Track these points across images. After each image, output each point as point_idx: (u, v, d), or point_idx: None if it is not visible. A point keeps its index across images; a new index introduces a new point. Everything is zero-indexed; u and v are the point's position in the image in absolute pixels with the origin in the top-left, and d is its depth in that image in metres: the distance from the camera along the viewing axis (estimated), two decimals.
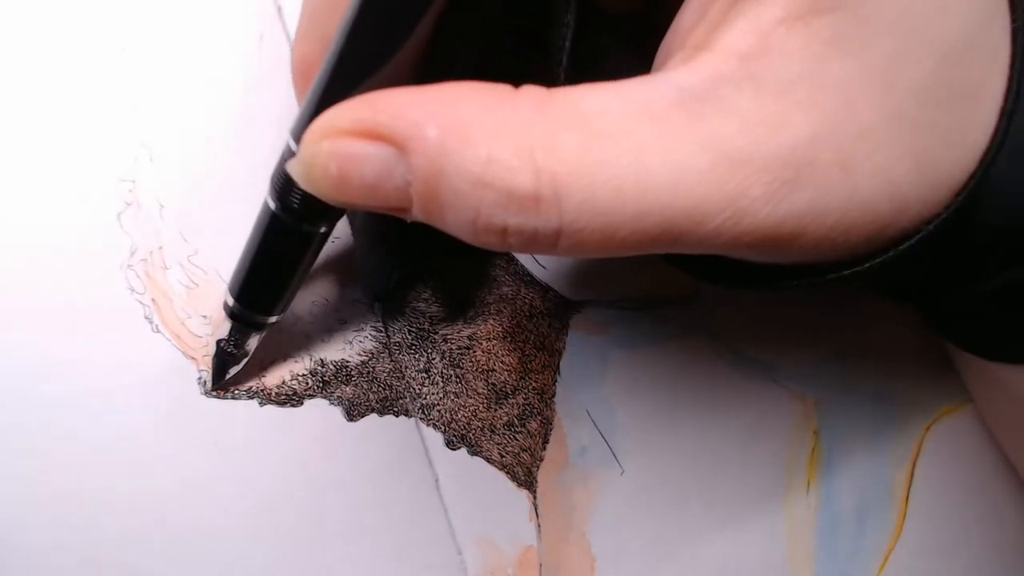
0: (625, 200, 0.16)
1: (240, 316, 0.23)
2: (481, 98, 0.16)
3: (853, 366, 0.31)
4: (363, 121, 0.16)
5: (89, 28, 0.24)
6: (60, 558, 0.24)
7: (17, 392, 0.24)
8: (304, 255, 0.22)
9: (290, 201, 0.20)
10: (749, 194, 0.16)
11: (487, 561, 0.28)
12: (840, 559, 0.31)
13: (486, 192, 0.16)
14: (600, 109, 0.16)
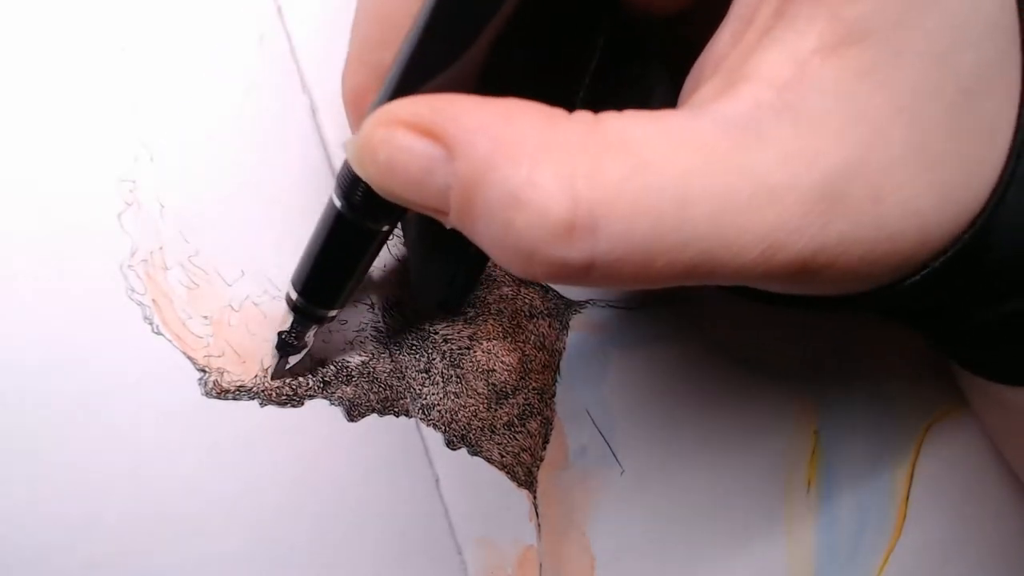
0: (664, 231, 0.16)
1: (302, 309, 0.24)
2: (534, 118, 0.16)
3: (853, 366, 0.31)
4: (420, 116, 0.17)
5: (89, 28, 0.24)
6: (60, 558, 0.24)
7: (17, 392, 0.24)
8: (365, 251, 0.23)
9: (354, 198, 0.21)
10: (786, 226, 0.16)
11: (487, 561, 0.28)
12: (840, 559, 0.31)
13: (518, 212, 0.16)
14: (644, 138, 0.16)
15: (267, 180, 0.26)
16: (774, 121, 0.16)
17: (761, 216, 0.16)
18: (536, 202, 0.15)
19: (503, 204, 0.16)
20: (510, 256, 0.16)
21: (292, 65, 0.25)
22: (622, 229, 0.16)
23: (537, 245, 0.16)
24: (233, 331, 0.26)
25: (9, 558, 0.24)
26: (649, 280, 0.16)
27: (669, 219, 0.16)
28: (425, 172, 0.17)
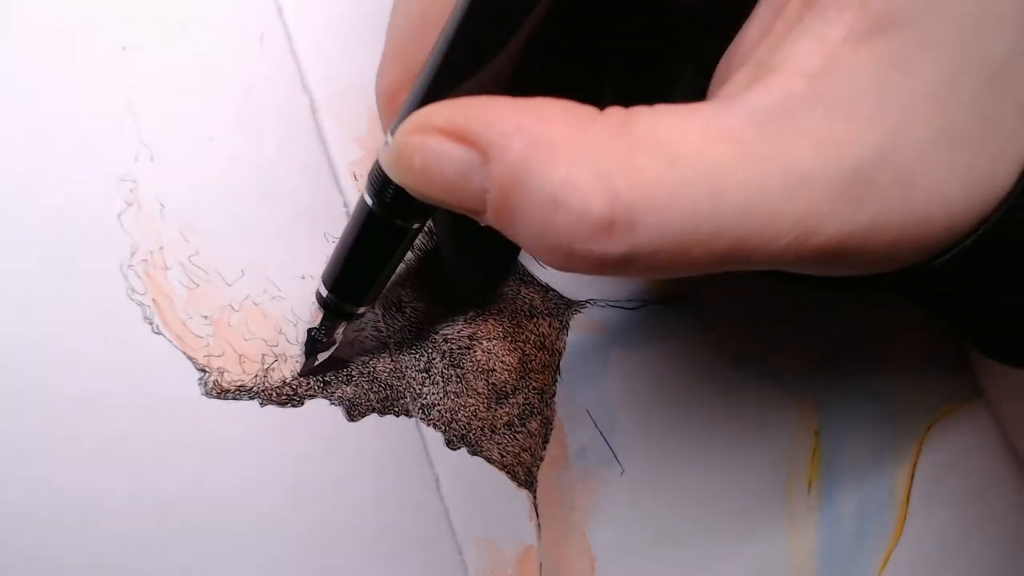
0: (699, 222, 0.16)
1: (333, 306, 0.24)
2: (567, 117, 0.17)
3: (854, 366, 0.31)
4: (454, 122, 0.17)
5: (89, 27, 0.24)
6: (60, 558, 0.24)
7: (17, 392, 0.24)
8: (395, 249, 0.23)
9: (385, 197, 0.21)
10: (818, 212, 0.16)
11: (487, 561, 0.28)
12: (841, 559, 0.31)
13: (557, 212, 0.16)
14: (678, 132, 0.16)
15: (267, 180, 0.26)
16: (805, 110, 0.16)
17: (793, 203, 0.16)
18: (575, 202, 0.16)
19: (542, 205, 0.16)
20: (549, 253, 0.17)
21: (292, 65, 0.25)
22: (659, 223, 0.16)
23: (577, 242, 0.16)
24: (233, 331, 0.26)
25: (9, 558, 0.24)
26: (685, 269, 0.17)
27: (704, 210, 0.16)
28: (461, 177, 0.17)
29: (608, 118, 0.17)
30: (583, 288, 0.28)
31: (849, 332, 0.31)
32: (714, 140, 0.16)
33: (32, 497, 0.24)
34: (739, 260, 0.17)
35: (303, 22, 0.25)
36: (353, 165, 0.26)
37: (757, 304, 0.30)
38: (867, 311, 0.30)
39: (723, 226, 0.16)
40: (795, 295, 0.30)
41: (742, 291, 0.29)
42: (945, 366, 0.31)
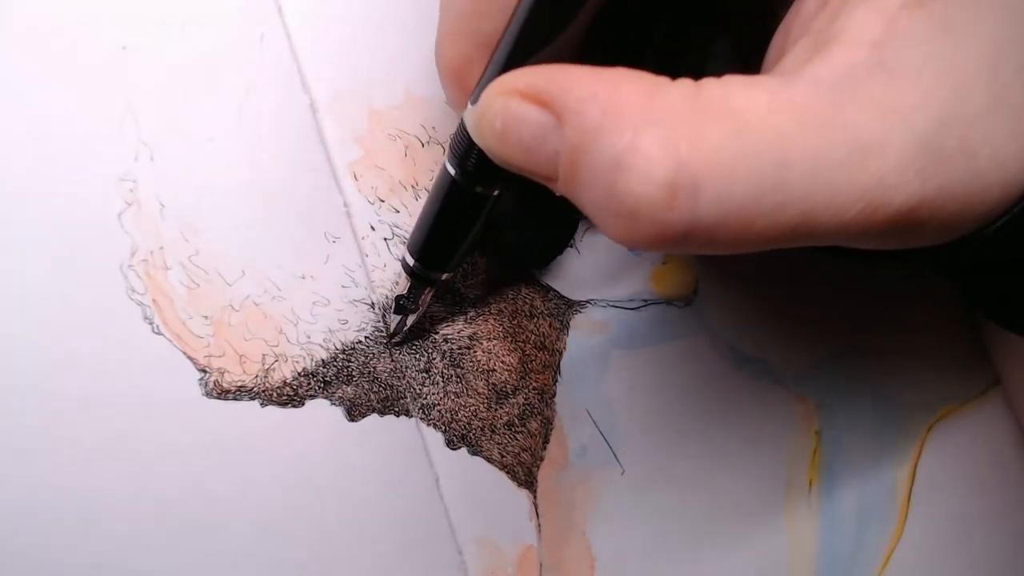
0: (763, 192, 0.16)
1: (418, 274, 0.25)
2: (639, 86, 0.17)
3: (854, 367, 0.31)
4: (534, 86, 0.18)
5: (89, 27, 0.24)
6: (60, 558, 0.24)
7: (17, 392, 0.24)
8: (478, 216, 0.23)
9: (467, 165, 0.22)
10: (885, 183, 0.16)
11: (487, 561, 0.28)
12: (842, 560, 0.31)
13: (620, 175, 0.16)
14: (743, 103, 0.16)
15: (267, 180, 0.26)
16: (868, 79, 0.17)
17: (860, 173, 0.16)
18: (640, 166, 0.16)
19: (608, 168, 0.16)
20: (613, 220, 0.17)
21: (292, 65, 0.25)
22: (722, 192, 0.16)
23: (640, 208, 0.16)
24: (234, 331, 0.26)
25: (9, 558, 0.24)
26: (748, 244, 0.17)
27: (768, 181, 0.16)
28: (537, 139, 0.18)
29: (678, 87, 0.17)
30: (583, 288, 0.28)
31: (849, 332, 0.31)
32: (779, 110, 0.16)
33: (32, 497, 0.24)
34: (803, 234, 0.17)
35: (303, 22, 0.25)
36: (353, 165, 0.26)
37: (757, 304, 0.29)
38: (868, 311, 0.30)
39: (789, 198, 0.16)
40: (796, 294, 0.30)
41: (742, 291, 0.29)
42: (946, 367, 0.31)
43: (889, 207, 0.17)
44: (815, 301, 0.30)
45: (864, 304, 0.30)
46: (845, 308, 0.30)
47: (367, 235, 0.26)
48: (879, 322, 0.31)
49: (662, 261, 0.29)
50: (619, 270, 0.28)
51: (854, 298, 0.30)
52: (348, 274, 0.26)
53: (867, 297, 0.30)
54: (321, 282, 0.26)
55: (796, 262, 0.29)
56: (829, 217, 0.16)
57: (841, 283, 0.30)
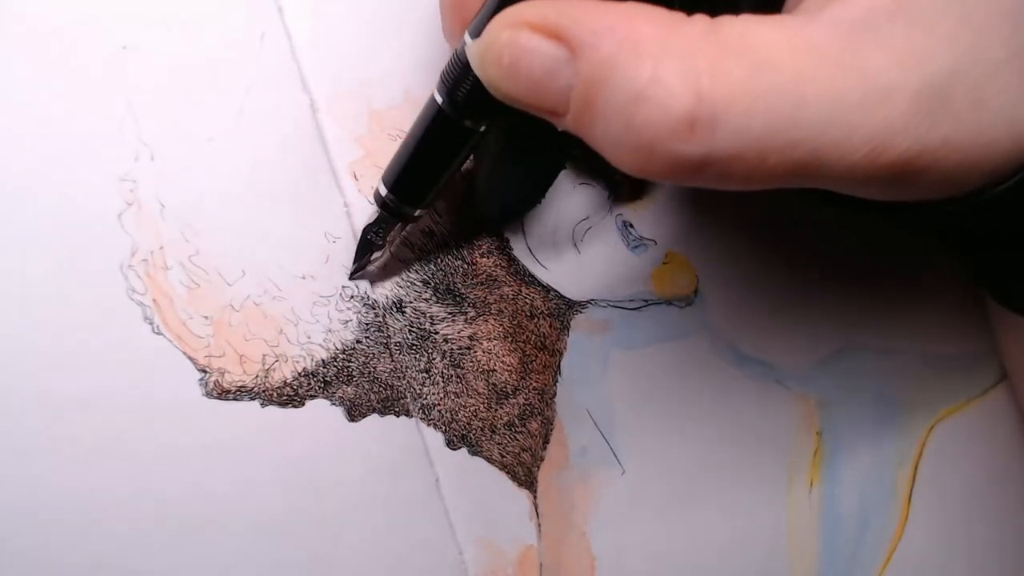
0: (778, 129, 0.16)
1: (391, 206, 0.24)
2: (657, 20, 0.17)
3: (855, 366, 0.31)
4: (546, 18, 0.17)
5: (89, 27, 0.24)
6: (60, 558, 0.24)
7: (17, 392, 0.24)
8: (459, 151, 0.23)
9: (457, 96, 0.21)
10: (894, 126, 0.16)
11: (488, 561, 0.28)
12: (842, 559, 0.31)
13: (640, 107, 0.16)
14: (763, 40, 0.17)
15: (267, 180, 0.26)
16: (887, 23, 0.17)
17: (871, 116, 0.16)
18: (660, 98, 0.16)
19: (626, 101, 0.16)
20: (628, 153, 0.17)
21: (292, 65, 0.25)
22: (739, 126, 0.16)
23: (658, 140, 0.16)
24: (234, 331, 0.26)
25: (9, 558, 0.24)
26: (758, 179, 0.17)
27: (784, 118, 0.16)
28: (547, 73, 0.17)
29: (696, 22, 0.17)
30: (584, 288, 0.28)
31: (850, 332, 0.30)
32: (798, 50, 0.16)
33: (32, 497, 0.24)
34: (811, 174, 0.17)
35: (303, 22, 0.25)
36: (353, 165, 0.26)
37: (758, 304, 0.29)
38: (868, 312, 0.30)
39: (802, 135, 0.16)
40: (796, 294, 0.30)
41: (743, 291, 0.29)
42: (947, 367, 0.31)
43: (894, 151, 0.17)
44: (816, 301, 0.30)
45: (865, 304, 0.30)
46: (846, 308, 0.30)
47: None
48: (880, 322, 0.31)
49: (663, 262, 0.29)
50: (619, 270, 0.28)
51: (855, 298, 0.30)
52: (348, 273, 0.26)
53: (868, 297, 0.30)
54: (321, 282, 0.26)
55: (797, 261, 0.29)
56: (837, 158, 0.17)
57: (842, 283, 0.30)
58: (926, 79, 0.17)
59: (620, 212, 0.28)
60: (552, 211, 0.28)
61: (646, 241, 0.28)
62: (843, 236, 0.29)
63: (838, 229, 0.29)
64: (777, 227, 0.29)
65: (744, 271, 0.29)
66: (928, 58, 0.17)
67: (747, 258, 0.29)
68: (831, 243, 0.29)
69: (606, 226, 0.28)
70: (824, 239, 0.29)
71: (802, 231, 0.29)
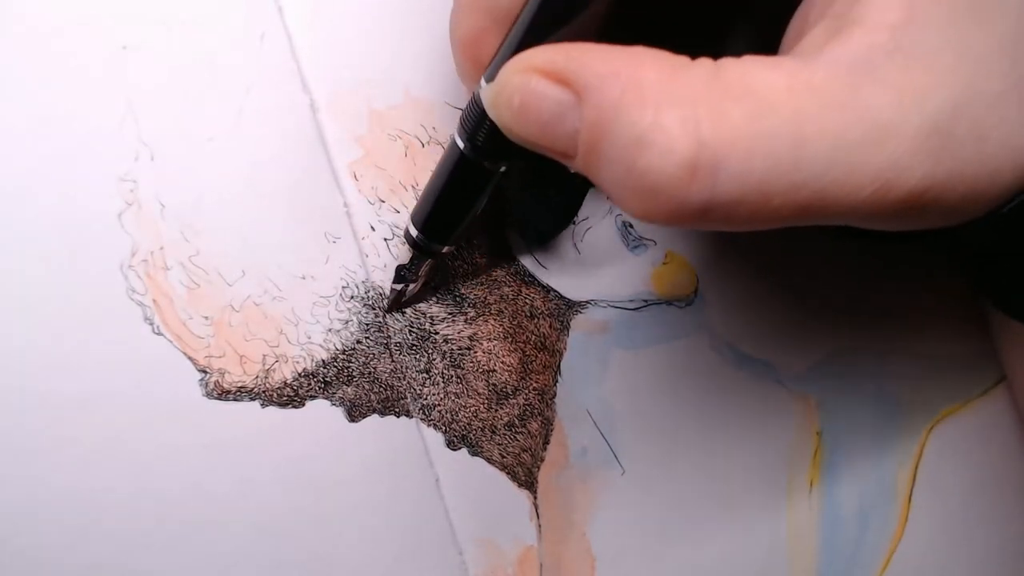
0: (780, 171, 0.16)
1: (421, 245, 0.25)
2: (660, 65, 0.17)
3: (855, 367, 0.31)
4: (554, 63, 0.18)
5: (89, 27, 0.24)
6: (60, 558, 0.24)
7: (17, 392, 0.24)
8: (483, 191, 0.24)
9: (477, 140, 0.22)
10: (899, 164, 0.17)
11: (488, 561, 0.28)
12: (842, 559, 0.31)
13: (642, 152, 0.16)
14: (764, 82, 0.17)
15: (267, 180, 0.26)
16: (886, 62, 0.17)
17: (874, 154, 0.16)
18: (661, 144, 0.16)
19: (629, 146, 0.17)
20: (632, 196, 0.17)
21: (292, 65, 0.25)
22: (741, 170, 0.16)
23: (660, 186, 0.17)
24: (234, 331, 0.26)
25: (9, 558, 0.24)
26: (764, 221, 0.17)
27: (786, 159, 0.16)
28: (555, 117, 0.18)
29: (699, 67, 0.17)
30: (584, 288, 0.28)
31: (850, 332, 0.30)
32: (798, 91, 0.17)
33: (32, 497, 0.24)
34: (817, 213, 0.17)
35: (303, 22, 0.25)
36: (353, 165, 0.26)
37: (758, 304, 0.29)
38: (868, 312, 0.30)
39: (804, 176, 0.16)
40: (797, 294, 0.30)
41: (743, 291, 0.29)
42: (947, 367, 0.31)
43: (901, 189, 0.17)
44: (816, 301, 0.30)
45: (865, 304, 0.30)
46: (846, 308, 0.30)
47: (367, 235, 0.26)
48: (880, 322, 0.31)
49: (663, 262, 0.29)
50: (619, 270, 0.28)
51: (855, 298, 0.30)
52: (348, 274, 0.26)
53: (868, 297, 0.30)
54: (321, 282, 0.26)
55: (797, 261, 0.29)
56: (843, 196, 0.17)
57: (842, 283, 0.30)
58: (927, 116, 0.17)
59: (620, 212, 0.28)
60: None
61: (646, 241, 0.28)
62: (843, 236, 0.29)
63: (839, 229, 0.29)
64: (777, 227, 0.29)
65: (744, 271, 0.29)
66: (928, 95, 0.17)
67: (747, 258, 0.29)
68: (831, 243, 0.29)
69: (606, 226, 0.28)
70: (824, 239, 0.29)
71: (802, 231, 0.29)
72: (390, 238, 0.26)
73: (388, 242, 0.26)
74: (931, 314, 0.31)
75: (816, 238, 0.29)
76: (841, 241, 0.24)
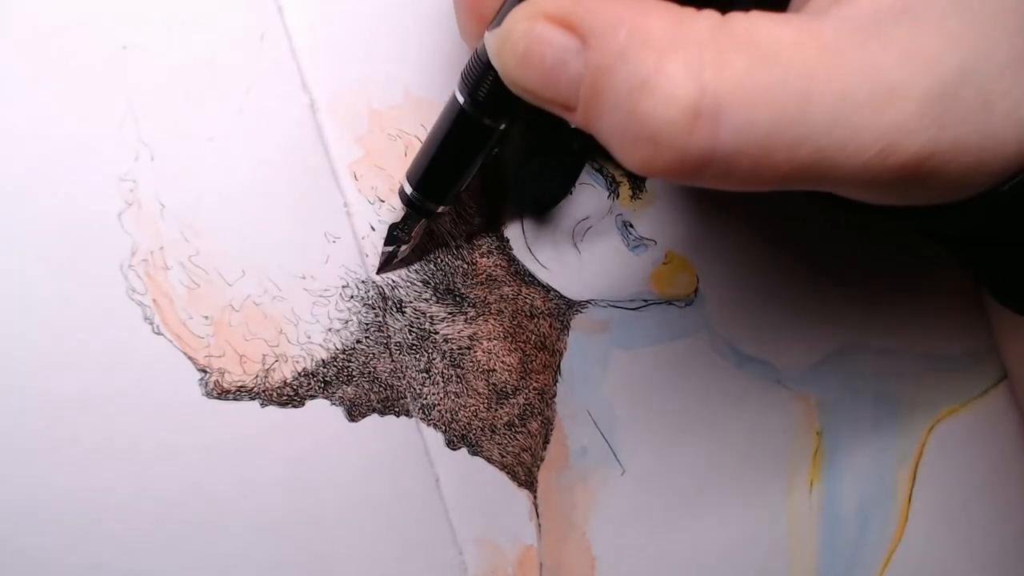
0: (784, 124, 0.16)
1: (415, 203, 0.25)
2: (666, 14, 0.17)
3: (855, 366, 0.31)
4: (561, 8, 0.18)
5: (89, 27, 0.24)
6: (60, 558, 0.24)
7: (17, 392, 0.24)
8: (481, 149, 0.23)
9: (478, 95, 0.22)
10: (904, 126, 0.16)
11: (488, 561, 0.28)
12: (842, 559, 0.31)
13: (644, 96, 0.16)
14: (771, 35, 0.17)
15: (267, 180, 0.26)
16: (893, 23, 0.17)
17: (879, 115, 0.16)
18: (664, 89, 0.16)
19: (631, 91, 0.16)
20: (632, 145, 0.17)
21: (292, 65, 0.25)
22: (744, 120, 0.16)
23: (661, 132, 0.16)
24: (234, 331, 0.26)
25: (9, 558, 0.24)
26: (763, 179, 0.17)
27: (790, 113, 0.16)
28: (559, 63, 0.18)
29: (705, 18, 0.17)
30: (584, 288, 0.28)
31: (850, 332, 0.30)
32: (805, 46, 0.16)
33: (32, 497, 0.24)
34: (818, 174, 0.17)
35: (303, 22, 0.25)
36: (353, 165, 0.26)
37: (758, 304, 0.29)
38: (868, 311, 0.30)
39: (808, 132, 0.16)
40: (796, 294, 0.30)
41: (743, 291, 0.29)
42: (947, 367, 0.31)
43: (904, 153, 0.17)
44: (816, 301, 0.30)
45: (865, 304, 0.30)
46: (846, 308, 0.30)
47: (367, 235, 0.26)
48: (880, 322, 0.31)
49: (663, 262, 0.29)
50: (619, 270, 0.28)
51: (855, 298, 0.30)
52: (348, 274, 0.26)
53: (868, 297, 0.30)
54: (321, 282, 0.26)
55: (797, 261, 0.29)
56: (845, 158, 0.17)
57: (842, 283, 0.30)
58: (935, 79, 0.16)
59: (620, 212, 0.28)
60: (552, 211, 0.28)
61: (646, 241, 0.28)
62: (843, 236, 0.29)
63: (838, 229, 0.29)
64: (777, 227, 0.29)
65: (744, 271, 0.29)
66: (936, 58, 0.17)
67: (747, 258, 0.29)
68: (831, 243, 0.29)
69: (606, 226, 0.28)
70: (824, 239, 0.29)
71: (802, 231, 0.29)
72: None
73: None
74: (931, 314, 0.31)
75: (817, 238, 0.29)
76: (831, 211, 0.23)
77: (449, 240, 0.27)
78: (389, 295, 0.26)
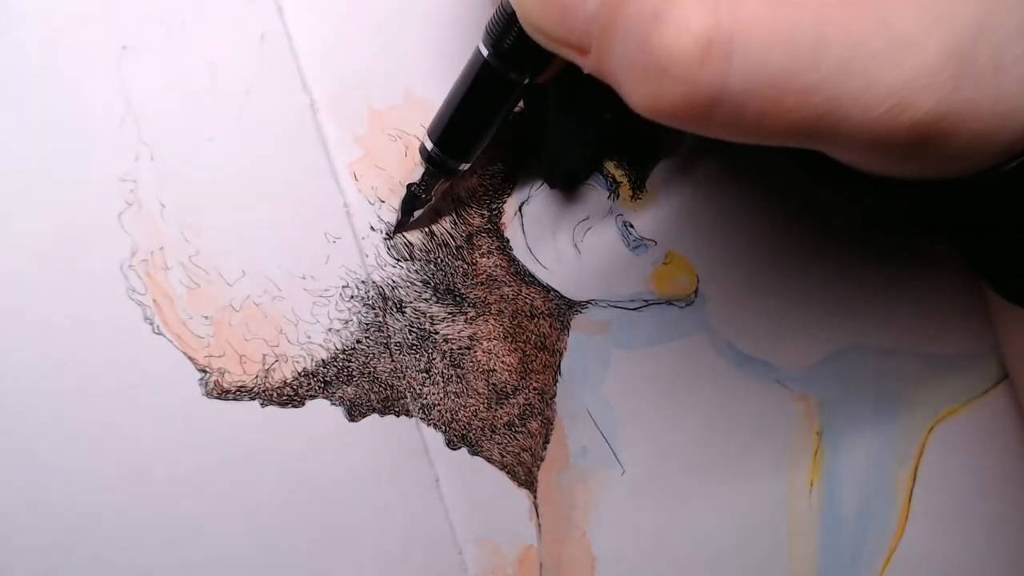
0: (797, 67, 0.16)
1: (436, 160, 0.24)
2: None
3: (855, 366, 0.31)
4: None
5: (89, 27, 0.24)
6: (60, 558, 0.24)
7: (17, 392, 0.24)
8: (504, 104, 0.23)
9: (503, 47, 0.21)
10: (918, 82, 0.16)
11: (487, 560, 0.28)
12: (843, 559, 0.31)
13: (656, 26, 0.16)
14: None
15: (267, 180, 0.26)
16: None
17: (893, 68, 0.16)
18: (677, 19, 0.16)
19: (645, 21, 0.16)
20: (641, 79, 0.17)
21: (292, 65, 0.25)
22: (757, 58, 0.16)
23: (672, 64, 0.16)
24: (234, 331, 0.26)
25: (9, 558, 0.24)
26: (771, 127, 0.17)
27: (804, 56, 0.16)
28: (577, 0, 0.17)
29: None
30: (584, 288, 0.28)
31: (850, 332, 0.30)
32: None
33: (32, 497, 0.24)
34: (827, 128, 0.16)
35: (303, 22, 0.25)
36: (353, 165, 0.26)
37: (758, 304, 0.29)
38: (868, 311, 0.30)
39: (821, 78, 0.16)
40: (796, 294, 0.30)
41: (743, 291, 0.29)
42: (947, 367, 0.31)
43: (916, 111, 0.16)
44: (816, 301, 0.30)
45: (865, 304, 0.30)
46: (846, 308, 0.30)
47: (367, 235, 0.26)
48: (880, 322, 0.31)
49: (663, 262, 0.29)
50: (620, 270, 0.28)
51: (855, 298, 0.30)
52: (348, 274, 0.26)
53: (868, 297, 0.30)
54: (321, 282, 0.26)
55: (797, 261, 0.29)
56: (858, 111, 0.16)
57: (842, 283, 0.30)
58: (951, 35, 0.16)
59: (620, 212, 0.28)
60: (552, 211, 0.28)
61: (646, 241, 0.28)
62: (844, 236, 0.29)
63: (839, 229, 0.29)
64: (778, 227, 0.29)
65: (744, 271, 0.29)
66: (952, 14, 0.16)
67: (747, 258, 0.29)
68: (831, 243, 0.29)
69: (606, 226, 0.28)
70: (825, 239, 0.29)
71: (803, 231, 0.29)
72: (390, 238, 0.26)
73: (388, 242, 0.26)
74: (931, 314, 0.31)
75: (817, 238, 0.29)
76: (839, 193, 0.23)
77: (449, 240, 0.27)
78: (389, 295, 0.26)
